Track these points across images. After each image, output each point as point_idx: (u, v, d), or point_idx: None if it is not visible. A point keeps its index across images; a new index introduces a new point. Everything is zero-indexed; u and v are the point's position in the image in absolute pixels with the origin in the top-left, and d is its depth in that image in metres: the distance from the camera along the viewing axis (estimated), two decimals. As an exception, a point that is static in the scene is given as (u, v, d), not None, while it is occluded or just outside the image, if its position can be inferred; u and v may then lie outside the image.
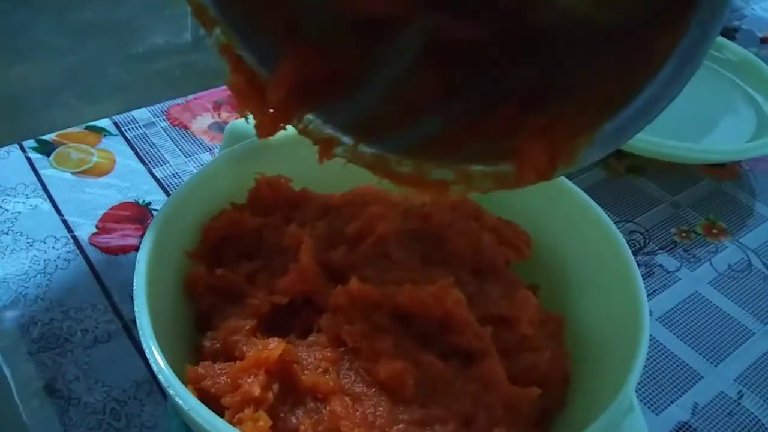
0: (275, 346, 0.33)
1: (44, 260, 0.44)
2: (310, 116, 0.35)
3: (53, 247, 0.45)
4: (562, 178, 0.42)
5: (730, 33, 0.81)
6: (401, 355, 0.33)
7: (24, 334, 0.40)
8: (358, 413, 0.32)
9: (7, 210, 0.47)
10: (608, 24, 0.28)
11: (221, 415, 0.31)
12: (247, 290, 0.36)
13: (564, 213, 0.42)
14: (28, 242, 0.45)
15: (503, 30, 0.31)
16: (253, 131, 0.37)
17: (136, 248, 0.45)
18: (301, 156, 0.42)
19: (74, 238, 0.46)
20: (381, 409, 0.32)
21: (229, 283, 0.37)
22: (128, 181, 0.51)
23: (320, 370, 0.33)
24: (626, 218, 0.53)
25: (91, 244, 0.46)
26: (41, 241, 0.46)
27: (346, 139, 0.35)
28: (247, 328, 0.35)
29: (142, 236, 0.42)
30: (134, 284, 0.32)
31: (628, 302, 0.36)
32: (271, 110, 0.35)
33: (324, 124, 0.35)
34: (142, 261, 0.34)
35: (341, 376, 0.33)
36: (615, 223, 0.47)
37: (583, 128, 0.28)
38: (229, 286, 0.37)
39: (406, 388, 0.32)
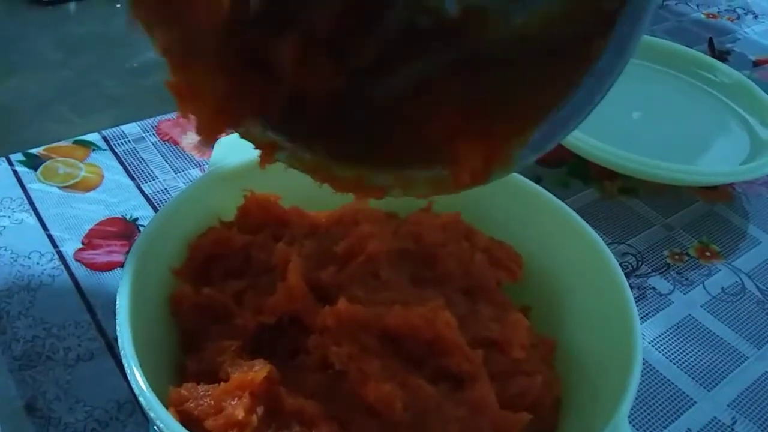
0: (260, 368, 0.32)
1: (28, 276, 0.44)
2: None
3: (38, 263, 0.45)
4: (555, 199, 0.42)
5: (722, 55, 0.81)
6: (390, 377, 0.33)
7: (5, 351, 0.39)
8: None
9: (-9, 224, 0.47)
10: (540, 37, 0.28)
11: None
12: (233, 310, 0.36)
13: (556, 234, 0.41)
14: (12, 257, 0.45)
15: (441, 47, 0.31)
16: (245, 148, 0.36)
17: (122, 265, 0.44)
18: (292, 174, 0.42)
19: (59, 253, 0.45)
20: (370, 433, 0.31)
21: (216, 302, 0.36)
22: (116, 197, 0.50)
23: (307, 392, 0.32)
24: (619, 240, 0.53)
25: (77, 260, 0.45)
26: (26, 257, 0.45)
27: (288, 144, 0.34)
28: (233, 348, 0.34)
29: (128, 252, 0.41)
30: (117, 302, 0.32)
31: (621, 326, 0.35)
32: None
33: (265, 129, 0.34)
34: (126, 278, 0.33)
35: (328, 399, 0.32)
36: (608, 244, 0.47)
37: (518, 130, 0.28)
38: (215, 306, 0.36)
39: (395, 412, 0.32)
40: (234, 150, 0.42)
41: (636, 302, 0.47)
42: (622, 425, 0.30)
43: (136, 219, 0.48)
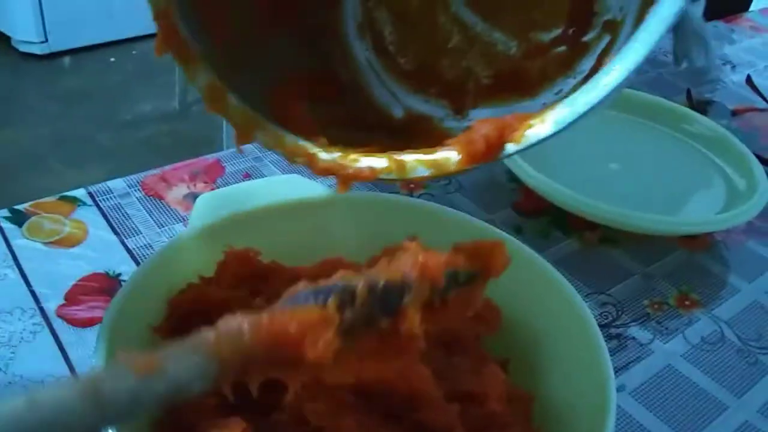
0: (236, 427, 0.32)
1: (9, 332, 0.44)
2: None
3: (20, 319, 0.45)
4: (533, 253, 0.43)
5: (702, 106, 0.83)
6: (367, 428, 0.33)
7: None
8: None
9: (-25, 281, 0.47)
10: None
11: None
12: None
13: (533, 287, 0.42)
14: (-6, 314, 0.45)
15: None
16: (226, 205, 0.37)
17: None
18: (273, 229, 0.43)
19: (42, 309, 0.46)
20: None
21: None
22: (99, 252, 0.50)
23: None
24: (598, 290, 0.53)
25: (59, 316, 0.45)
26: (8, 313, 0.45)
27: (272, 126, 0.35)
28: (209, 406, 0.34)
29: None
30: (94, 360, 0.32)
31: (596, 379, 0.35)
32: None
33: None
34: (102, 335, 0.33)
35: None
36: (587, 294, 0.48)
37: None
38: None
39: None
40: (215, 207, 0.43)
41: (616, 352, 0.48)
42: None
43: (119, 274, 0.49)
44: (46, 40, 2.16)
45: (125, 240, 0.52)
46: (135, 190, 0.57)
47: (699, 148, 0.69)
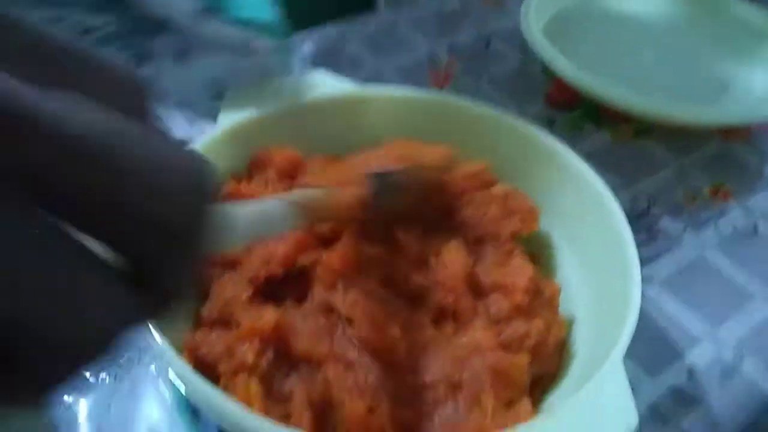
0: (269, 314, 0.34)
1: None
2: None
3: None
4: (562, 146, 0.42)
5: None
6: (393, 320, 0.34)
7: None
8: (350, 380, 0.32)
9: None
10: None
11: (216, 382, 0.32)
12: (244, 260, 0.37)
13: (561, 180, 0.42)
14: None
15: None
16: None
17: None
18: (303, 125, 0.43)
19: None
20: (372, 375, 0.33)
21: (229, 253, 0.37)
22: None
23: (314, 337, 0.34)
24: (630, 182, 0.53)
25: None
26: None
27: None
28: (244, 297, 0.35)
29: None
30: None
31: (621, 270, 0.36)
32: None
33: None
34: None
35: (335, 343, 0.34)
36: (619, 187, 0.47)
37: None
38: (227, 256, 0.37)
39: (398, 354, 0.33)
40: (242, 106, 0.43)
41: (646, 244, 0.48)
42: (617, 366, 0.31)
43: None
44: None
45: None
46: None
47: (740, 37, 0.66)
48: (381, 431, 0.31)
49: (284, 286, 0.37)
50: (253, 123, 0.41)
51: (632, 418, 0.28)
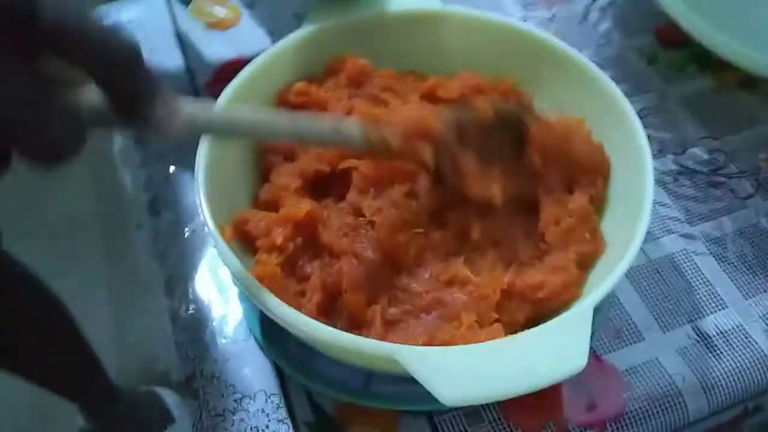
0: (306, 205, 0.39)
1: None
2: None
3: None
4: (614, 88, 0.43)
5: None
6: (409, 228, 0.38)
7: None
8: (358, 274, 0.37)
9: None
10: None
11: (255, 252, 0.38)
12: (300, 154, 0.42)
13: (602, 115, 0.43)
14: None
15: None
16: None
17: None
18: (380, 37, 0.46)
19: (193, 83, 0.54)
20: (377, 273, 0.38)
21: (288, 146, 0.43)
22: (246, 38, 0.57)
23: (341, 232, 0.39)
24: (717, 134, 0.51)
25: (206, 92, 0.54)
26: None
27: None
28: (293, 187, 0.41)
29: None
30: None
31: (633, 211, 0.38)
32: None
33: None
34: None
35: (356, 240, 0.39)
36: (701, 138, 0.49)
37: None
38: (288, 150, 0.43)
39: (405, 259, 0.38)
40: (328, 13, 0.46)
41: (708, 200, 0.47)
42: (586, 312, 0.33)
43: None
44: None
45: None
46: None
47: None
48: (372, 321, 0.36)
49: (329, 185, 0.42)
50: (331, 30, 0.45)
51: (581, 361, 0.31)
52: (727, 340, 0.42)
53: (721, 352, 0.41)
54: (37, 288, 0.67)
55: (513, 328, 0.37)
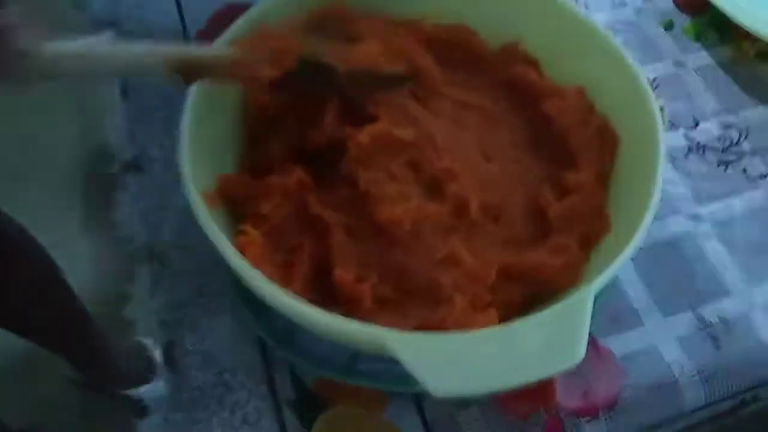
0: (298, 174, 0.37)
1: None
2: None
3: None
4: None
5: None
6: (405, 201, 0.36)
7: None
8: (351, 249, 0.36)
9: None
10: None
11: (240, 220, 0.36)
12: (291, 120, 0.40)
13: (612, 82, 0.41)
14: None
15: None
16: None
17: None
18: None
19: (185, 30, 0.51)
20: (370, 249, 0.36)
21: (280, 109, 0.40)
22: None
23: (332, 204, 0.37)
24: (731, 107, 0.49)
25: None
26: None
27: None
28: (284, 153, 0.39)
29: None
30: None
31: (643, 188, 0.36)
32: None
33: None
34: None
35: (348, 212, 0.36)
36: (715, 113, 0.48)
37: None
38: (279, 113, 0.40)
39: (400, 235, 0.36)
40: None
41: (718, 179, 0.45)
42: (585, 301, 0.31)
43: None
44: None
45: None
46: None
47: None
48: (361, 298, 0.34)
49: (323, 154, 0.39)
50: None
51: (578, 355, 0.29)
52: (729, 329, 0.40)
53: (722, 341, 0.40)
54: (26, 241, 0.65)
55: (508, 308, 0.35)
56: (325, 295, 0.35)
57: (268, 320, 0.39)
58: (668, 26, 0.53)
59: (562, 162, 0.40)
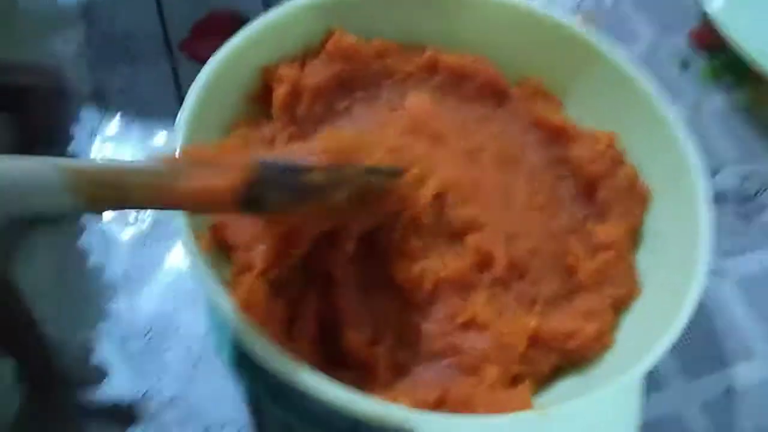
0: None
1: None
2: None
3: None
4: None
5: None
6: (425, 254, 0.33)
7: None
8: (363, 308, 0.31)
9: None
10: None
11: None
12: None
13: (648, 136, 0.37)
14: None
15: None
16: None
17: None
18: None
19: (167, 40, 0.46)
20: (384, 308, 0.32)
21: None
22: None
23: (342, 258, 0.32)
24: (749, 157, 0.46)
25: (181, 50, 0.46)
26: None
27: None
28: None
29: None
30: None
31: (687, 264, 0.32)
32: None
33: None
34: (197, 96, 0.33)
35: (357, 268, 0.32)
36: (734, 162, 0.44)
37: None
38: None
39: (420, 294, 0.32)
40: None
41: (738, 234, 0.43)
42: (633, 383, 0.28)
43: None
44: None
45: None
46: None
47: None
48: (375, 365, 0.30)
49: None
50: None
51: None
52: (750, 396, 0.38)
53: (743, 410, 0.37)
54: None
55: (537, 380, 0.32)
56: (332, 353, 0.31)
57: (260, 371, 0.34)
58: (683, 68, 0.50)
59: (589, 212, 0.37)
